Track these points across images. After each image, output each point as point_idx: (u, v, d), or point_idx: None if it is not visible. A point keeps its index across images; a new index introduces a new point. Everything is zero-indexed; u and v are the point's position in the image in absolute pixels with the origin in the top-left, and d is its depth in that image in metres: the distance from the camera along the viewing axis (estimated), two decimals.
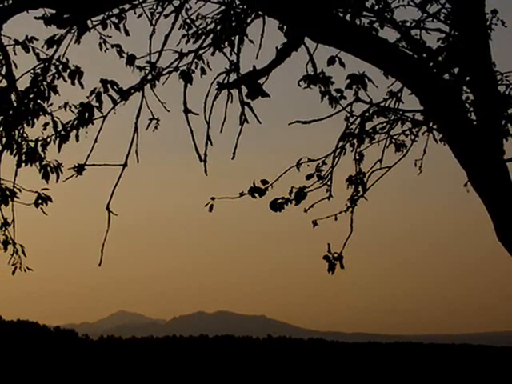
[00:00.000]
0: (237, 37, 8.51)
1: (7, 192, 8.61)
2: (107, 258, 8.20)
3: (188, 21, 8.83)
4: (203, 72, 8.63)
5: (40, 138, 8.42)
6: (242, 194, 8.18)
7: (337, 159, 9.05)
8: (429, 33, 8.69)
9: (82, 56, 8.81)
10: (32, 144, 8.44)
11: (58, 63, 8.46)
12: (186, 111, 7.89)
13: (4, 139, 8.38)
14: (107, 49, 8.84)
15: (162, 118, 8.39)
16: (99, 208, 8.17)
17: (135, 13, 8.65)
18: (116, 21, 8.59)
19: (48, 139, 8.38)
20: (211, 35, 8.63)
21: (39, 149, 8.43)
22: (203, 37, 8.69)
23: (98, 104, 8.14)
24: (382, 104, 8.98)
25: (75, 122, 8.20)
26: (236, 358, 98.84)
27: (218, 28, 8.61)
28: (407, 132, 9.43)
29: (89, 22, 8.25)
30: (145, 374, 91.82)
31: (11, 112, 8.28)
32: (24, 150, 8.45)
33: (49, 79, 8.45)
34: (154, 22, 8.55)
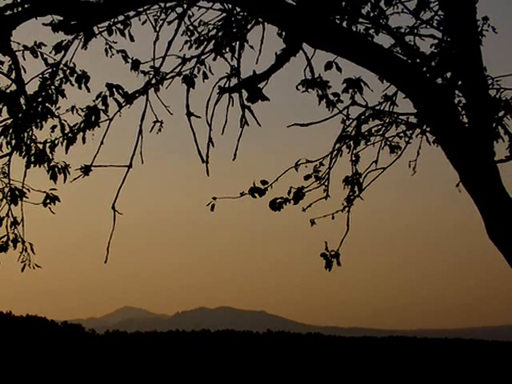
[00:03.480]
0: (237, 43, 8.65)
1: (17, 192, 8.76)
2: (113, 255, 8.35)
3: (190, 27, 8.98)
4: (205, 76, 8.77)
5: (48, 140, 8.56)
6: (242, 194, 8.28)
7: (334, 160, 9.19)
8: (422, 39, 8.82)
9: (89, 61, 8.88)
10: (40, 146, 8.57)
11: (65, 68, 8.59)
12: (189, 114, 8.00)
13: (14, 141, 8.49)
14: (113, 54, 8.99)
15: (165, 121, 8.50)
16: (105, 207, 8.28)
17: (140, 19, 8.82)
18: (121, 27, 8.73)
19: (56, 141, 8.52)
20: (213, 41, 8.79)
21: (47, 150, 8.56)
22: (205, 43, 8.84)
23: (104, 107, 8.30)
24: (378, 107, 9.09)
25: (82, 125, 8.36)
26: (237, 352, 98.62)
27: (220, 34, 8.75)
28: (401, 134, 9.54)
29: (95, 28, 8.34)
30: (149, 368, 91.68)
31: (20, 115, 8.39)
32: (33, 152, 8.58)
33: (56, 83, 8.58)
34: (157, 29, 8.71)
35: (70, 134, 8.43)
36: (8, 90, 8.41)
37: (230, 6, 8.55)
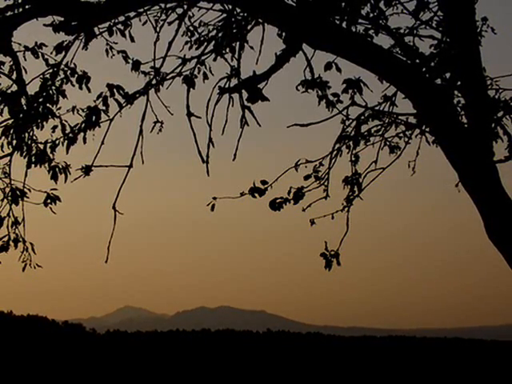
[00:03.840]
0: (237, 43, 8.69)
1: (18, 192, 8.77)
2: (113, 255, 8.37)
3: (191, 28, 9.01)
4: (205, 77, 8.82)
5: (49, 141, 8.57)
6: (242, 194, 8.29)
7: (333, 160, 9.21)
8: (422, 39, 8.82)
9: (90, 61, 8.93)
10: (41, 146, 8.59)
11: (66, 68, 8.63)
12: (189, 114, 8.03)
13: (15, 141, 8.53)
14: (113, 55, 9.02)
15: (165, 121, 8.54)
16: (105, 207, 8.34)
17: (140, 20, 8.84)
18: (122, 28, 8.76)
19: (57, 141, 8.54)
20: (213, 42, 8.82)
21: (48, 150, 8.58)
22: (205, 43, 8.87)
23: (104, 108, 8.33)
24: (377, 108, 9.09)
25: (83, 125, 8.38)
26: (237, 351, 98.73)
27: (220, 35, 8.79)
28: (401, 134, 9.55)
29: (96, 28, 8.38)
30: (149, 367, 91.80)
31: (21, 115, 8.42)
32: (34, 152, 8.60)
33: (57, 84, 8.61)
34: (158, 29, 8.74)
35: (70, 135, 8.46)
36: (9, 91, 8.45)
37: (230, 6, 8.58)
